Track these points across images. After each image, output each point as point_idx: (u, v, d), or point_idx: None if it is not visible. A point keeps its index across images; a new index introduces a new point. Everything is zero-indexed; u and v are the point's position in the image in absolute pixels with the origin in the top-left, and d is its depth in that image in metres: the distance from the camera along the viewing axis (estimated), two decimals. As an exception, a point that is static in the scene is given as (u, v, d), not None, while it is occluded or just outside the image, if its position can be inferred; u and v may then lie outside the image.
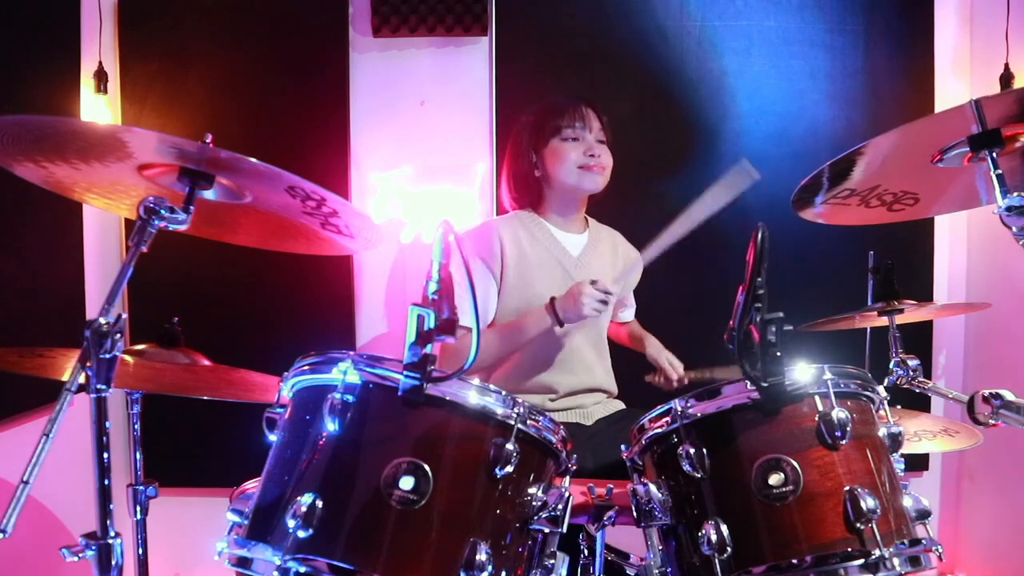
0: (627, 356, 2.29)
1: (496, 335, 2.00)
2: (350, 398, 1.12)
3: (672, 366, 2.13)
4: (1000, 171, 1.19)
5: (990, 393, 1.28)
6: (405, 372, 1.10)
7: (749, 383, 1.17)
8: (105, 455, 1.11)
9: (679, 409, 1.22)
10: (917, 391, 1.77)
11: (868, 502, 1.10)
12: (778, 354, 1.13)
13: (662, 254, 1.91)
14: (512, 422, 1.15)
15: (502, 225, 2.09)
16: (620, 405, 2.18)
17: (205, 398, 1.66)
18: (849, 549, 1.10)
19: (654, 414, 1.27)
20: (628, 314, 2.38)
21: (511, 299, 2.05)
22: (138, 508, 1.65)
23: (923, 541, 1.17)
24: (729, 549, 1.14)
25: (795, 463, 1.14)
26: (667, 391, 2.14)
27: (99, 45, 2.58)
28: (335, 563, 1.05)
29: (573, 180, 2.05)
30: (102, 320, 1.08)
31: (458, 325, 1.10)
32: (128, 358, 1.61)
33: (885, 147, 1.29)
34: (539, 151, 2.08)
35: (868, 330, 2.21)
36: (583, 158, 2.04)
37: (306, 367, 1.21)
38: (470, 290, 1.12)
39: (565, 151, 2.04)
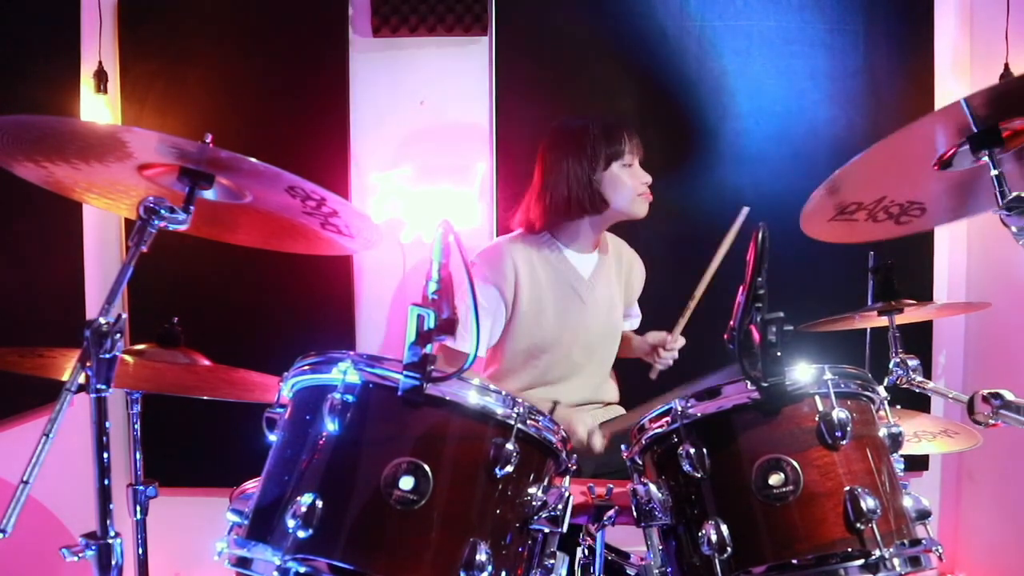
0: (627, 362, 2.28)
1: None
2: (350, 398, 1.12)
3: (658, 341, 2.09)
4: (1000, 171, 1.19)
5: (990, 393, 1.28)
6: (405, 372, 1.10)
7: (749, 383, 1.17)
8: (105, 455, 1.11)
9: (679, 409, 1.22)
10: (917, 391, 1.77)
11: (868, 502, 1.10)
12: (778, 354, 1.13)
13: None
14: (512, 422, 1.14)
15: (514, 248, 2.04)
16: (621, 410, 2.18)
17: (205, 398, 1.66)
18: (849, 549, 1.10)
19: (654, 414, 1.27)
20: (632, 323, 2.35)
21: (522, 323, 2.03)
22: (138, 508, 1.65)
23: (923, 541, 1.17)
24: (729, 549, 1.13)
25: (795, 463, 1.14)
26: (674, 363, 2.10)
27: (99, 45, 2.58)
28: (335, 563, 1.05)
29: (629, 207, 2.02)
30: (102, 320, 1.08)
31: (458, 321, 1.10)
32: (128, 358, 1.61)
33: (885, 154, 1.28)
34: (596, 174, 1.99)
35: (868, 330, 2.21)
36: (641, 186, 2.03)
37: (306, 367, 1.21)
38: (473, 307, 1.12)
39: (625, 178, 2.01)
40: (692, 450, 1.18)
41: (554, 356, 2.05)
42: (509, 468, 1.12)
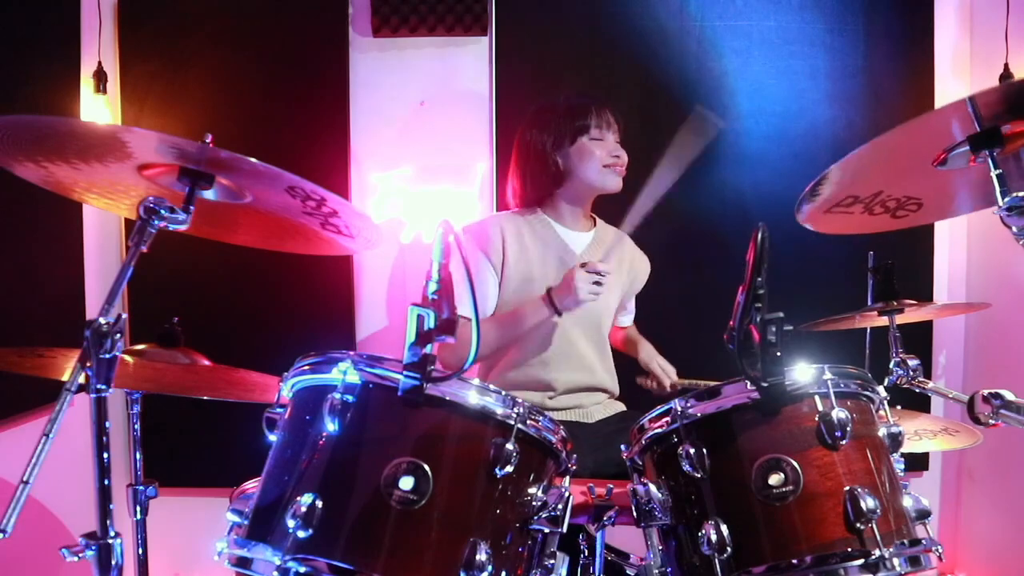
0: (626, 357, 2.29)
1: (494, 324, 2.01)
2: (350, 398, 1.12)
3: (664, 371, 2.14)
4: (1000, 171, 1.18)
5: (990, 393, 1.28)
6: (405, 372, 1.10)
7: (749, 383, 1.17)
8: (105, 455, 1.11)
9: (679, 409, 1.22)
10: (917, 391, 1.77)
11: (868, 502, 1.10)
12: (778, 354, 1.13)
13: (648, 234, 1.96)
14: (512, 422, 1.15)
15: (505, 219, 2.11)
16: (621, 407, 2.18)
17: (205, 398, 1.66)
18: (849, 549, 1.10)
19: (654, 414, 1.27)
20: (627, 319, 2.38)
21: (511, 293, 2.05)
22: (138, 508, 1.65)
23: (923, 541, 1.17)
24: (729, 549, 1.13)
25: (795, 463, 1.14)
26: (657, 396, 2.14)
27: (99, 45, 2.58)
28: (335, 563, 1.05)
29: (597, 178, 2.08)
30: (102, 320, 1.08)
31: (457, 321, 1.10)
32: (128, 358, 1.61)
33: (883, 150, 1.28)
34: (562, 148, 2.07)
35: (868, 330, 2.21)
36: (608, 157, 2.08)
37: (306, 367, 1.22)
38: (469, 286, 1.12)
39: (592, 150, 2.07)
40: (692, 450, 1.18)
41: (545, 329, 2.04)
42: (509, 468, 1.12)
